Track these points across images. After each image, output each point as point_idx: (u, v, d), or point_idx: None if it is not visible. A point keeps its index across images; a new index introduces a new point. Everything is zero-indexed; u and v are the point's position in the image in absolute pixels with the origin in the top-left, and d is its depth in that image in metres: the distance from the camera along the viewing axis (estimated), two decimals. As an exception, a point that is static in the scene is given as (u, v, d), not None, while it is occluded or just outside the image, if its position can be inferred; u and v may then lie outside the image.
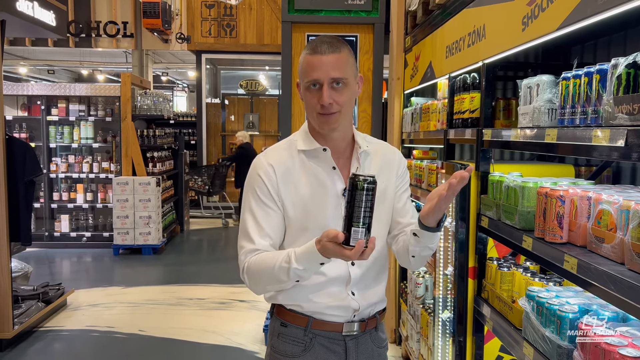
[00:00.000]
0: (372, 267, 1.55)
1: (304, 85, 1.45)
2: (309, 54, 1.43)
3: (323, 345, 1.51)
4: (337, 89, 1.42)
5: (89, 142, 7.22)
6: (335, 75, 1.40)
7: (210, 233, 8.77)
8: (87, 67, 13.95)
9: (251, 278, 1.46)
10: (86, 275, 6.20)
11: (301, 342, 1.51)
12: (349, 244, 1.21)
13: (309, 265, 1.33)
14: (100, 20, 9.85)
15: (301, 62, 1.46)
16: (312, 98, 1.43)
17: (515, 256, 2.31)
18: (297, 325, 1.51)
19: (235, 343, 4.08)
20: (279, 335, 1.54)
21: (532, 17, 1.80)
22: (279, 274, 1.37)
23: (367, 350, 1.57)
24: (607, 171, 2.27)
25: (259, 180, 1.48)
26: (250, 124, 10.37)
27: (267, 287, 1.49)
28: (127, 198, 6.79)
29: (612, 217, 1.44)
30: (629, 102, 1.26)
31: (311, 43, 1.45)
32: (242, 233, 1.50)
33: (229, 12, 9.58)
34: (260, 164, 1.51)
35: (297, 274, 1.35)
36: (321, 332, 1.51)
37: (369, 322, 1.56)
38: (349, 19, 4.14)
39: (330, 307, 1.50)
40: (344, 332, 1.52)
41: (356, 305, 1.51)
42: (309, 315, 1.50)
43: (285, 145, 1.54)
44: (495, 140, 2.11)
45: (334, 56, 1.41)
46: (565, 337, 1.54)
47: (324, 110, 1.42)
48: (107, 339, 4.18)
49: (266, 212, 1.47)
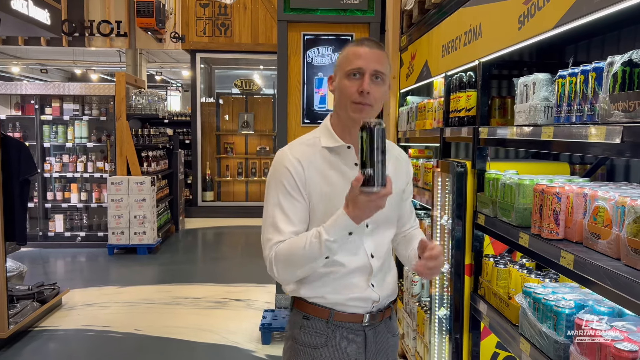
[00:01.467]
0: (387, 258, 1.63)
1: (345, 73, 1.50)
2: (355, 45, 1.52)
3: (343, 336, 1.57)
4: (376, 82, 1.49)
5: (83, 141, 7.19)
6: (378, 68, 1.48)
7: (205, 232, 8.76)
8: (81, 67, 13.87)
9: (280, 264, 1.47)
10: (81, 275, 6.18)
11: (323, 333, 1.56)
12: (371, 185, 1.28)
13: (338, 234, 1.38)
14: (94, 20, 9.80)
15: (345, 53, 1.53)
16: (351, 86, 1.48)
17: (512, 253, 2.33)
18: (319, 318, 1.57)
19: (231, 342, 4.08)
20: (301, 327, 1.59)
21: (529, 16, 1.81)
22: (311, 251, 1.41)
23: (383, 338, 1.65)
24: (602, 169, 2.29)
25: (286, 173, 1.51)
26: (245, 123, 10.36)
27: (297, 272, 1.50)
28: (122, 197, 6.77)
29: (608, 213, 1.46)
30: (625, 100, 1.28)
31: (356, 40, 1.58)
32: (269, 226, 1.52)
33: (224, 11, 9.56)
34: (286, 157, 1.54)
35: (328, 247, 1.39)
36: (342, 323, 1.57)
37: (385, 312, 1.64)
38: (344, 18, 4.16)
39: (352, 298, 1.56)
40: (365, 322, 1.59)
41: (376, 296, 1.58)
42: (330, 307, 1.56)
43: (309, 142, 1.58)
44: (491, 138, 2.13)
45: (378, 52, 1.50)
46: (562, 332, 1.56)
47: (361, 99, 1.47)
48: (102, 338, 4.17)
49: (293, 203, 1.51)
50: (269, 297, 5.07)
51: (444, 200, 2.62)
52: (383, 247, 1.61)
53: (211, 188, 10.26)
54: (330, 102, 4.25)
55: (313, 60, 4.20)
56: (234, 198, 10.39)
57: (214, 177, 10.33)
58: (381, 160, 1.28)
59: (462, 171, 2.34)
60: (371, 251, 1.57)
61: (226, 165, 10.43)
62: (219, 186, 10.41)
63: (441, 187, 2.68)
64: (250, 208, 9.86)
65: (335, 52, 4.20)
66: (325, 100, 4.24)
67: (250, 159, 10.46)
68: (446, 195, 2.57)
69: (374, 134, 1.27)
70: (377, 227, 1.58)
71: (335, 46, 4.20)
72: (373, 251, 1.57)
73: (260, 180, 10.38)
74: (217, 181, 10.39)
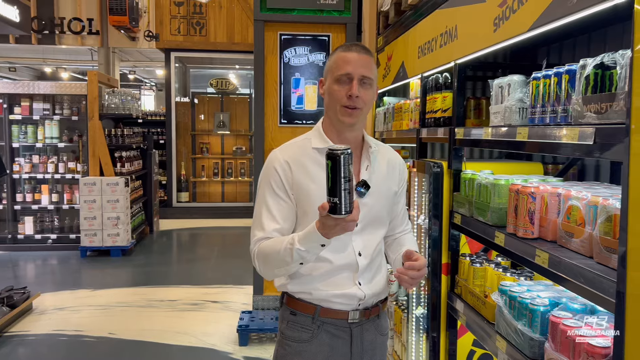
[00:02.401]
0: (376, 257, 1.66)
1: (334, 78, 1.56)
2: (343, 51, 1.57)
3: (329, 332, 1.62)
4: (364, 87, 1.55)
5: (54, 141, 7.02)
6: (365, 73, 1.54)
7: (180, 234, 8.66)
8: (51, 65, 13.55)
9: (260, 263, 1.57)
10: (52, 278, 6.04)
11: (309, 329, 1.61)
12: (337, 213, 1.30)
13: (310, 246, 1.43)
14: (64, 17, 9.58)
15: (334, 58, 1.59)
16: (340, 90, 1.54)
17: (487, 252, 2.37)
18: (305, 314, 1.61)
19: (208, 344, 4.04)
20: (288, 322, 1.65)
21: (504, 19, 1.84)
22: (284, 256, 1.47)
23: (371, 337, 1.67)
24: (573, 169, 2.34)
25: (274, 174, 1.58)
26: (221, 123, 10.27)
27: (275, 271, 1.57)
28: (95, 199, 6.64)
29: (581, 212, 1.49)
30: (598, 102, 1.31)
31: (344, 44, 1.63)
32: (255, 224, 1.61)
33: (199, 10, 9.47)
34: (276, 158, 1.60)
35: (299, 255, 1.44)
36: (328, 319, 1.61)
37: (372, 310, 1.66)
38: (321, 19, 4.16)
39: (337, 295, 1.59)
40: (350, 319, 1.62)
41: (362, 294, 1.61)
42: (316, 304, 1.60)
43: (300, 143, 1.64)
44: (467, 138, 2.15)
45: (366, 57, 1.57)
46: (537, 329, 1.59)
47: (350, 103, 1.53)
48: (75, 342, 4.09)
49: (279, 202, 1.58)
50: (246, 298, 5.03)
51: (421, 200, 2.64)
52: (372, 246, 1.63)
53: (186, 189, 10.15)
54: (307, 102, 4.24)
55: (290, 61, 4.19)
56: (209, 199, 10.30)
57: (189, 178, 10.22)
58: (347, 188, 1.28)
59: (438, 171, 2.37)
60: (359, 249, 1.60)
61: (202, 165, 10.33)
62: (194, 187, 10.31)
63: (418, 187, 2.71)
64: (227, 209, 9.78)
65: (312, 53, 4.20)
66: (302, 101, 4.23)
67: (227, 159, 10.38)
68: (423, 195, 2.59)
69: (339, 162, 1.27)
70: (366, 225, 1.62)
71: (312, 46, 4.20)
72: (361, 249, 1.61)
73: (237, 181, 10.31)
74: (193, 182, 10.28)
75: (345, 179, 1.28)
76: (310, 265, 1.57)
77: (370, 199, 1.60)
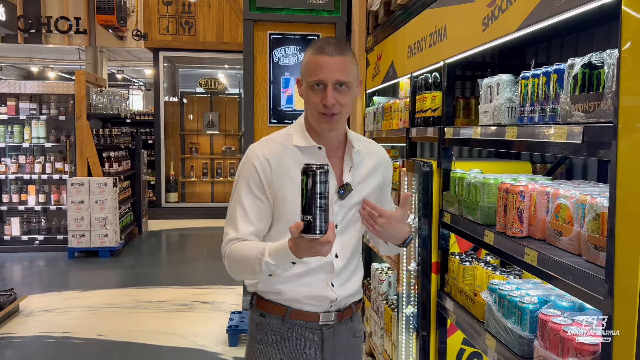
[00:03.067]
0: (352, 259, 1.61)
1: (308, 84, 1.47)
2: (315, 53, 1.45)
3: (300, 334, 1.56)
4: (340, 91, 1.44)
5: (41, 141, 6.95)
6: (340, 77, 1.43)
7: (169, 234, 8.61)
8: (37, 64, 13.41)
9: (229, 263, 1.52)
10: (39, 280, 5.97)
11: (279, 331, 1.56)
12: (311, 232, 1.24)
13: (280, 261, 1.37)
14: (51, 16, 9.49)
15: (306, 60, 1.48)
16: (315, 97, 1.45)
17: (477, 251, 2.38)
18: (275, 315, 1.56)
19: (197, 345, 4.02)
20: (257, 325, 1.59)
21: (492, 18, 1.85)
22: (254, 265, 1.42)
23: (343, 339, 1.62)
24: (561, 168, 2.36)
25: (252, 171, 1.50)
26: (210, 123, 10.22)
27: (243, 276, 1.54)
28: (83, 199, 6.58)
29: (569, 210, 1.50)
30: (585, 101, 1.32)
31: (317, 43, 1.47)
32: (228, 221, 1.54)
33: (187, 9, 9.42)
34: (255, 154, 1.52)
35: (268, 268, 1.39)
36: (298, 321, 1.55)
37: (344, 312, 1.61)
38: (310, 18, 4.16)
39: (308, 296, 1.54)
40: (321, 321, 1.56)
41: (334, 296, 1.55)
42: (286, 305, 1.55)
43: (281, 139, 1.55)
44: (456, 138, 2.16)
45: (340, 59, 1.43)
46: (526, 327, 1.60)
47: (326, 111, 1.44)
48: (63, 344, 4.04)
49: (255, 202, 1.50)
50: (235, 298, 5.02)
51: (410, 199, 2.65)
52: (349, 247, 1.59)
53: (175, 189, 10.09)
54: (297, 102, 4.24)
55: (279, 60, 4.18)
56: (199, 199, 10.25)
57: (178, 178, 10.16)
58: (322, 205, 1.23)
59: (428, 170, 2.37)
60: (336, 251, 1.55)
61: (191, 165, 10.28)
62: (183, 187, 10.25)
63: (407, 187, 2.71)
64: (216, 209, 9.74)
65: (301, 52, 4.19)
66: (292, 100, 4.23)
67: (216, 159, 10.33)
68: (412, 195, 2.60)
69: (315, 179, 1.22)
70: (345, 227, 1.57)
71: (301, 46, 4.20)
72: (338, 251, 1.55)
73: (226, 181, 10.27)
74: (182, 182, 10.22)
75: (321, 195, 1.22)
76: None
77: (352, 201, 1.55)
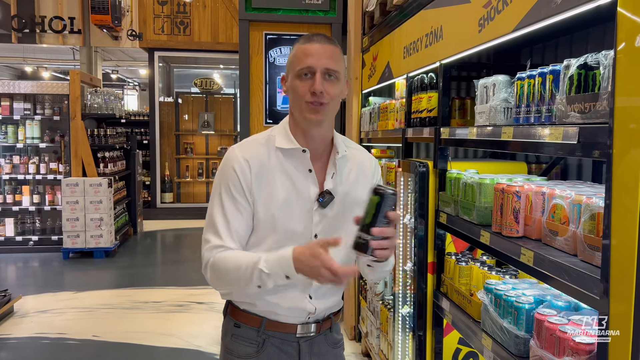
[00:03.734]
0: None
1: (295, 74, 1.40)
2: (304, 43, 1.41)
3: (276, 346, 1.49)
4: (329, 81, 1.39)
5: (35, 142, 6.91)
6: (329, 65, 1.38)
7: (165, 235, 8.59)
8: (32, 64, 13.33)
9: (214, 274, 1.42)
10: (34, 281, 5.94)
11: (254, 342, 1.49)
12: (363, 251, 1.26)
13: (275, 271, 1.31)
14: (45, 15, 9.43)
15: (294, 52, 1.43)
16: (303, 86, 1.39)
17: (473, 251, 2.39)
18: (250, 326, 1.49)
19: (193, 345, 4.01)
20: (232, 336, 1.52)
21: (489, 19, 1.86)
22: (245, 274, 1.34)
23: (322, 350, 1.55)
24: (557, 168, 2.37)
25: (232, 175, 1.42)
26: (205, 123, 10.20)
27: (227, 288, 1.46)
28: (77, 200, 6.55)
29: (565, 211, 1.51)
30: (581, 101, 1.33)
31: (305, 36, 1.44)
32: (209, 227, 1.45)
33: (183, 9, 9.40)
34: (235, 157, 1.44)
35: (260, 278, 1.32)
36: (275, 332, 1.48)
37: (323, 324, 1.54)
38: (306, 19, 4.16)
39: (284, 308, 1.46)
40: (298, 333, 1.49)
41: (312, 308, 1.49)
42: (262, 316, 1.48)
43: (262, 140, 1.48)
44: (452, 138, 2.17)
45: (330, 47, 1.40)
46: (523, 327, 1.60)
47: (315, 99, 1.37)
48: (58, 345, 4.03)
49: (237, 208, 1.42)
50: (231, 299, 5.00)
51: (407, 199, 2.65)
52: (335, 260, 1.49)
53: (170, 189, 10.06)
54: (292, 102, 4.23)
55: (275, 60, 4.18)
56: (194, 199, 10.22)
57: (173, 178, 10.14)
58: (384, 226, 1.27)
59: (424, 171, 2.38)
60: None
61: (186, 165, 10.26)
62: (178, 187, 10.22)
63: (404, 187, 2.72)
64: (211, 209, 9.71)
65: (297, 52, 4.20)
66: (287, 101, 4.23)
67: (211, 160, 10.31)
68: (409, 195, 2.61)
69: (385, 202, 1.25)
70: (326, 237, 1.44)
71: (297, 46, 4.19)
72: None
73: (221, 181, 10.23)
74: (177, 182, 10.19)
75: (386, 221, 1.26)
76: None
77: (333, 210, 1.46)
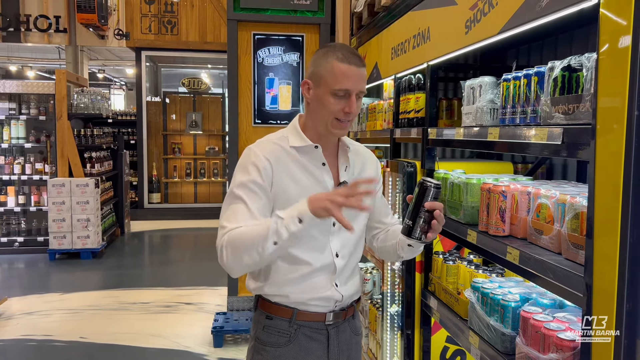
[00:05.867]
0: (351, 259, 1.64)
1: (331, 91, 1.49)
2: (341, 61, 1.49)
3: (306, 335, 1.59)
4: (357, 100, 1.53)
5: (20, 142, 6.84)
6: (362, 89, 1.52)
7: (152, 235, 8.54)
8: (16, 63, 13.19)
9: (229, 248, 1.43)
10: (20, 282, 5.88)
11: (286, 333, 1.58)
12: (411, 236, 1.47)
13: (289, 214, 1.37)
14: (30, 14, 9.34)
15: (330, 67, 1.49)
16: (337, 104, 1.50)
17: (460, 250, 2.41)
18: (282, 317, 1.58)
19: (182, 346, 4.00)
20: (264, 327, 1.60)
21: (475, 21, 1.88)
22: (262, 229, 1.38)
23: (346, 337, 1.66)
24: (542, 168, 2.41)
25: (254, 171, 1.51)
26: (193, 122, 10.16)
27: (244, 257, 1.42)
28: (64, 200, 6.49)
29: (550, 210, 1.54)
30: (565, 103, 1.36)
31: (338, 50, 1.51)
32: (229, 216, 1.48)
33: (170, 8, 9.35)
34: (255, 155, 1.53)
35: (275, 227, 1.36)
36: (305, 322, 1.59)
37: (348, 311, 1.66)
38: (295, 19, 4.16)
39: (315, 298, 1.57)
40: (327, 321, 1.60)
41: (339, 296, 1.59)
42: (293, 307, 1.58)
43: (276, 140, 1.59)
44: (440, 138, 2.19)
45: (364, 70, 1.53)
46: (509, 324, 1.63)
47: (345, 117, 1.51)
48: (45, 347, 3.99)
49: (258, 202, 1.50)
50: (220, 299, 5.00)
51: (395, 199, 2.67)
52: (348, 246, 1.62)
53: (158, 189, 10.00)
54: (281, 102, 4.24)
55: (264, 60, 4.18)
56: (182, 200, 10.18)
57: (160, 178, 10.08)
58: (422, 216, 1.44)
59: (412, 171, 2.40)
60: (336, 250, 1.59)
61: (174, 166, 10.21)
62: (166, 187, 10.17)
63: (392, 187, 2.74)
64: (199, 210, 9.68)
65: (286, 53, 4.20)
66: (276, 101, 4.23)
67: (199, 160, 10.27)
68: (397, 195, 2.63)
69: (427, 193, 1.43)
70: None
71: (286, 46, 4.20)
72: (338, 250, 1.59)
73: (210, 181, 10.22)
74: (164, 182, 10.14)
75: (423, 209, 1.43)
76: (287, 268, 1.54)
77: None
